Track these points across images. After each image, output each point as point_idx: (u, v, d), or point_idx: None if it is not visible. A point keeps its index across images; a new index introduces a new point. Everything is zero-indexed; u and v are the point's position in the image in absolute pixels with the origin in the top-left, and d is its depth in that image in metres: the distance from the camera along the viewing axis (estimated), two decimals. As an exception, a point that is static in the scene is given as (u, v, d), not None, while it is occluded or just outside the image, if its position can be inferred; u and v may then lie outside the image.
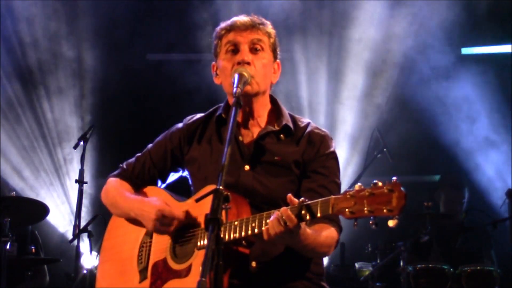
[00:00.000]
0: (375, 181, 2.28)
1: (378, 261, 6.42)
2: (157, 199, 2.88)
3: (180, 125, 3.08)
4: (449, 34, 7.39)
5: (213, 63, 2.99)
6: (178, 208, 2.85)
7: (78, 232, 5.45)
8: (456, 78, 7.42)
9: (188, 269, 2.72)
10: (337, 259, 6.96)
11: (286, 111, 2.98)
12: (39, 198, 7.01)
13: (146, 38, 7.81)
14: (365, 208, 2.26)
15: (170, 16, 7.68)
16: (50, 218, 6.57)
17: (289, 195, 2.47)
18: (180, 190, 3.06)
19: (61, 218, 7.48)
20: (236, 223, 2.57)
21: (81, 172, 5.64)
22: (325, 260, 7.13)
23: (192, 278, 2.67)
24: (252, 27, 2.88)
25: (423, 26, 7.40)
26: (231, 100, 2.86)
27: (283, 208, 2.44)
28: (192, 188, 2.99)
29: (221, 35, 2.92)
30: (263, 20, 2.94)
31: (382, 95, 7.59)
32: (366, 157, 6.63)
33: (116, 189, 3.07)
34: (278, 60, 2.98)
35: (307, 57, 7.61)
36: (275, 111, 2.97)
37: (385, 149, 6.54)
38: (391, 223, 2.23)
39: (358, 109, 7.60)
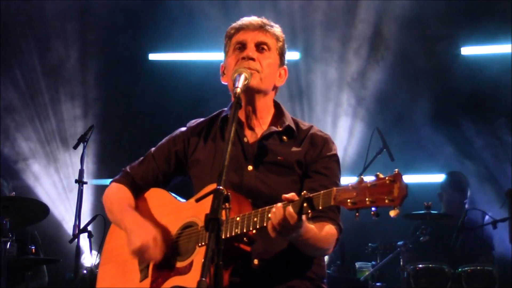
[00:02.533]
0: (377, 173, 2.30)
1: (378, 261, 6.42)
2: (152, 229, 2.85)
3: (183, 128, 3.10)
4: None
5: (222, 63, 3.02)
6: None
7: (78, 232, 5.44)
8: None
9: (190, 265, 2.73)
10: (337, 259, 6.96)
11: (289, 115, 3.01)
12: (39, 198, 7.02)
13: (147, 38, 7.81)
14: (367, 199, 2.28)
15: (170, 16, 7.69)
16: (50, 218, 6.56)
17: (283, 195, 2.48)
18: (182, 192, 3.07)
19: (61, 218, 7.48)
20: (238, 218, 2.58)
21: (81, 172, 5.62)
22: (326, 260, 7.15)
23: (194, 274, 2.68)
24: (261, 27, 2.92)
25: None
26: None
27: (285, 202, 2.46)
28: (194, 190, 2.99)
29: (231, 35, 2.96)
30: (273, 24, 2.97)
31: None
32: (366, 157, 6.63)
33: (115, 196, 3.07)
34: (285, 66, 3.00)
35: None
36: (278, 116, 2.99)
37: (385, 149, 6.54)
38: (392, 213, 2.25)
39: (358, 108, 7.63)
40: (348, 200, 2.32)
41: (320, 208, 2.41)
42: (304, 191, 2.45)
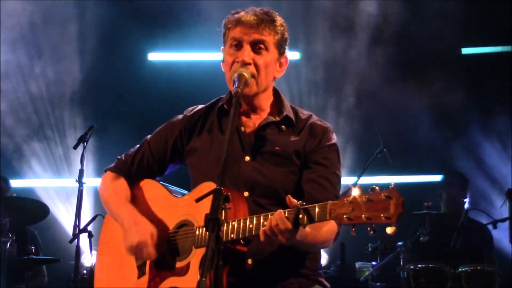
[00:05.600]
0: (373, 185, 2.27)
1: (378, 261, 6.41)
2: (149, 226, 2.84)
3: (180, 116, 3.07)
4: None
5: (222, 47, 2.95)
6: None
7: (78, 232, 5.44)
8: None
9: (187, 267, 2.72)
10: (337, 259, 6.96)
11: (288, 103, 2.97)
12: (39, 198, 7.01)
13: (146, 38, 7.81)
14: (363, 215, 2.25)
15: (170, 16, 7.68)
16: (50, 218, 6.56)
17: (288, 196, 2.45)
18: (178, 182, 3.06)
19: (61, 218, 7.48)
20: (234, 223, 2.56)
21: (81, 172, 5.62)
22: (325, 260, 7.16)
23: (191, 277, 2.68)
24: (257, 25, 2.82)
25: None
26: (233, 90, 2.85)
27: (279, 212, 2.43)
28: (191, 179, 2.97)
29: (228, 27, 2.89)
30: (273, 15, 2.87)
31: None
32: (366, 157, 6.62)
33: (112, 187, 3.05)
34: (285, 54, 2.93)
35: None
36: (277, 103, 2.96)
37: (385, 149, 6.53)
38: (389, 230, 2.23)
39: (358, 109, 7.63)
40: (344, 216, 2.29)
41: (316, 220, 2.37)
42: (300, 202, 2.42)
